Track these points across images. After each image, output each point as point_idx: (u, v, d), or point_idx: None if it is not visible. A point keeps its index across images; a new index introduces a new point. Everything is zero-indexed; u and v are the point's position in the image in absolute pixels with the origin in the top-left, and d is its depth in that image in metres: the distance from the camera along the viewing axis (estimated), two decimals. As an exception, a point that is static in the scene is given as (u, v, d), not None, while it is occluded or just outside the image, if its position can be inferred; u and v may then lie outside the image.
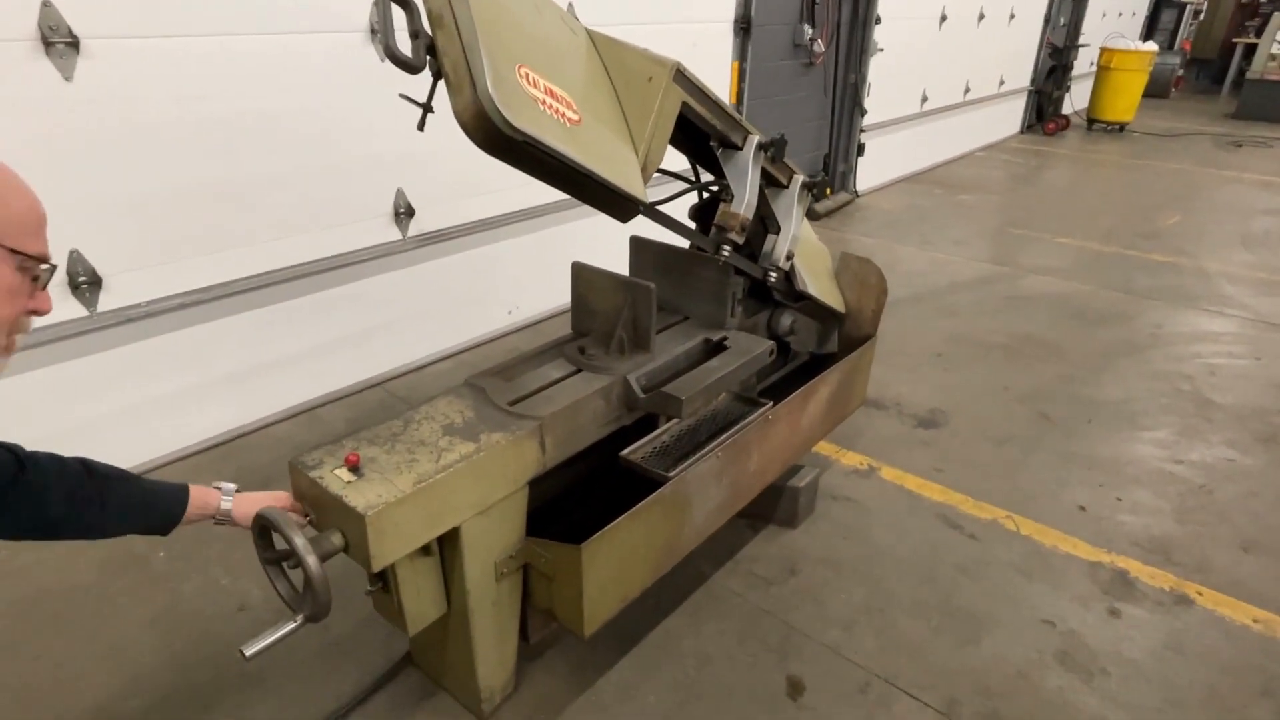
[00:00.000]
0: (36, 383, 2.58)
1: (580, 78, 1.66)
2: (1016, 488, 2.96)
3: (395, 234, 3.44)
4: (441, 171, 3.49)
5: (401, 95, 1.49)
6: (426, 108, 1.48)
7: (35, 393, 2.58)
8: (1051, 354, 4.07)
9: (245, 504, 1.55)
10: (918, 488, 2.95)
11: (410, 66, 1.41)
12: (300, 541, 1.39)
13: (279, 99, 2.89)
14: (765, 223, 2.26)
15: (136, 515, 1.43)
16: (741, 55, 5.07)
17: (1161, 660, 2.20)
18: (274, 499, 1.58)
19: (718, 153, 2.01)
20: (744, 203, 1.96)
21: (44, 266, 1.02)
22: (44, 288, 1.05)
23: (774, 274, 2.22)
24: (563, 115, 1.51)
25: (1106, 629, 2.31)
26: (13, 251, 0.95)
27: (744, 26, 4.97)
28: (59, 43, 2.33)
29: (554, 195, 2.27)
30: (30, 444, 1.31)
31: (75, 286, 2.55)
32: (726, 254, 2.01)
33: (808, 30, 5.59)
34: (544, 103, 1.48)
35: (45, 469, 1.30)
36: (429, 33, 1.41)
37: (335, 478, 1.52)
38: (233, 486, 1.56)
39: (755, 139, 1.97)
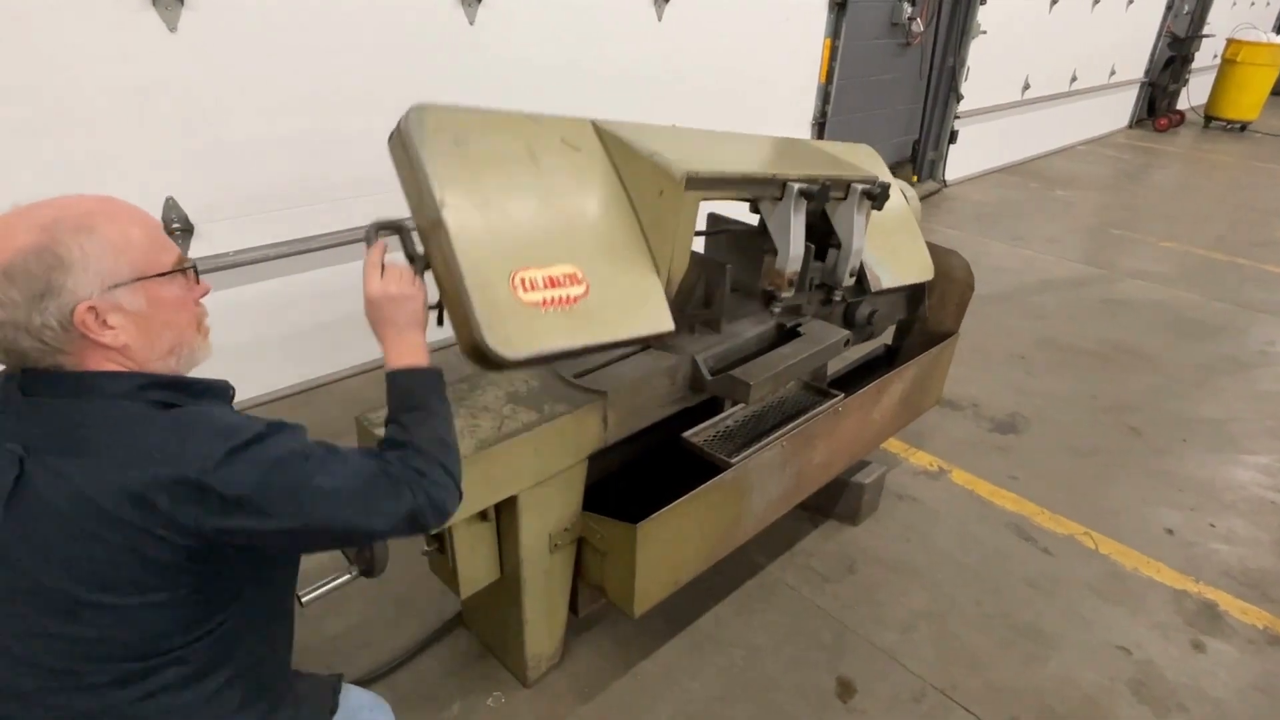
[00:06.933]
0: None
1: (585, 220, 1.54)
2: (1098, 504, 2.79)
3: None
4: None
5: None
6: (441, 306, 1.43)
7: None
8: (1146, 365, 3.82)
9: None
10: (989, 494, 2.82)
11: None
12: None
13: (374, 59, 2.92)
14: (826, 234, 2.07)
15: None
16: (835, 32, 4.88)
17: (1248, 702, 2.05)
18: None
19: (758, 205, 1.83)
20: (789, 257, 1.79)
21: (186, 265, 1.08)
22: (197, 279, 1.12)
23: (839, 294, 2.07)
24: (567, 300, 1.44)
25: (1188, 663, 2.16)
26: (160, 276, 1.02)
27: (839, 2, 4.78)
28: (165, -6, 2.40)
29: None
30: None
31: (169, 232, 2.66)
32: (778, 312, 1.89)
33: (907, 8, 5.34)
34: (545, 302, 1.40)
35: None
36: (422, 255, 1.41)
37: (399, 437, 1.53)
38: None
39: (795, 188, 1.74)
